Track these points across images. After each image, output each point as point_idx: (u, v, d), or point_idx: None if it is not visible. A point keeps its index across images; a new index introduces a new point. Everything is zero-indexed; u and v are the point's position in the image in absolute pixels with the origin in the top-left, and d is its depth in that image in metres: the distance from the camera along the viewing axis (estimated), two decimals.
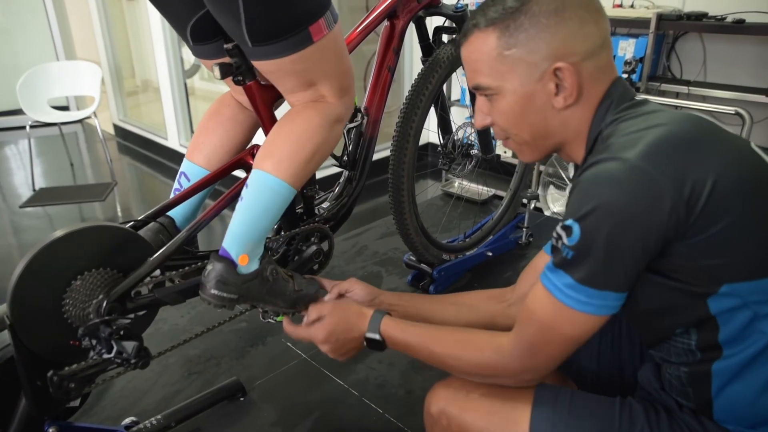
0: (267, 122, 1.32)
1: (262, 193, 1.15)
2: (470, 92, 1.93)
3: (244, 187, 1.17)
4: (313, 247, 1.45)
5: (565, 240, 0.75)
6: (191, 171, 1.35)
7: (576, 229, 0.73)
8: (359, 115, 1.55)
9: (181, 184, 1.35)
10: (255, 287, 1.16)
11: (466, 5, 1.78)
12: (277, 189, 1.14)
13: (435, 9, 1.73)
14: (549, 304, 0.79)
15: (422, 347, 0.96)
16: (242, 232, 1.14)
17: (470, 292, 1.17)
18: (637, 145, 0.72)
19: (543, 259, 1.08)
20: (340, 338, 1.06)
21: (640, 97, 0.86)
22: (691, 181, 0.70)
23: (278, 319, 1.26)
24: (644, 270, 0.76)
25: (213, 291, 1.12)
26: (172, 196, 1.34)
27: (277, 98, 1.32)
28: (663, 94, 2.56)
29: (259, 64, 1.14)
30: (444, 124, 2.03)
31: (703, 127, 0.76)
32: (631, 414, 0.84)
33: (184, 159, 1.37)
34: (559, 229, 0.77)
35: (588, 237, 0.73)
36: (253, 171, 1.17)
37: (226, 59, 1.21)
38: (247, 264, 1.14)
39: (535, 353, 0.83)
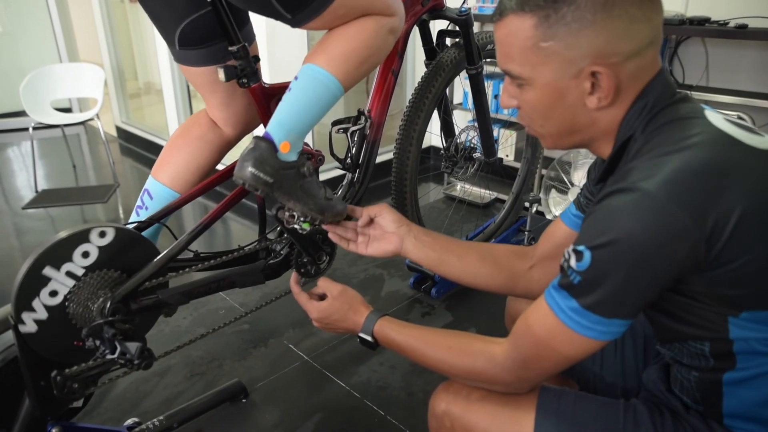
0: None
1: (312, 84, 1.14)
2: (472, 92, 1.95)
3: (294, 79, 1.16)
4: (316, 249, 1.45)
5: (573, 263, 0.73)
6: (155, 189, 1.32)
7: (587, 256, 0.71)
8: (363, 118, 1.55)
9: (143, 201, 1.32)
10: (290, 178, 1.15)
11: (470, 9, 1.79)
12: (327, 83, 1.14)
13: (439, 12, 1.73)
14: (550, 322, 0.77)
15: (415, 351, 0.96)
16: (287, 120, 1.14)
17: (497, 245, 1.14)
18: (660, 173, 0.68)
19: (558, 226, 1.06)
20: (331, 323, 1.08)
21: (682, 93, 0.80)
22: (713, 216, 0.66)
23: (304, 225, 1.23)
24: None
25: (251, 169, 1.09)
26: (134, 214, 1.30)
27: (280, 101, 1.33)
28: None
29: (305, 27, 1.15)
30: (447, 128, 2.03)
31: (734, 151, 0.71)
32: (635, 416, 0.83)
33: (149, 176, 1.33)
34: (569, 249, 0.74)
35: (598, 267, 0.70)
36: (304, 65, 1.16)
37: (231, 62, 1.21)
38: (288, 153, 1.13)
39: (527, 367, 0.81)
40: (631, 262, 0.68)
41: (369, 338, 1.02)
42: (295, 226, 1.24)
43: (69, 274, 1.10)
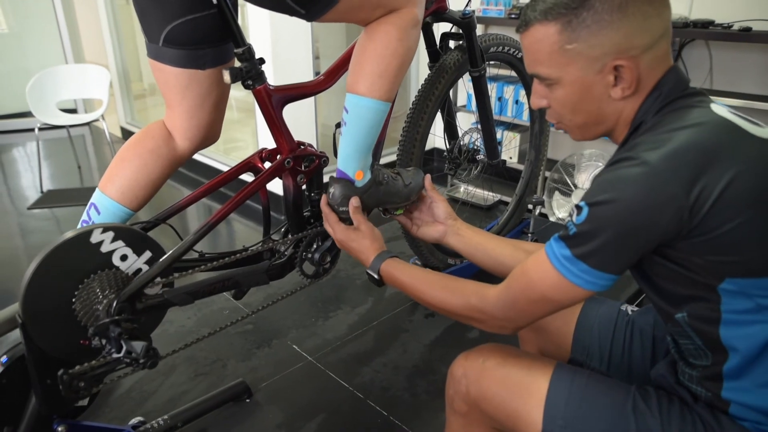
0: (275, 125, 1.33)
1: (363, 115, 1.23)
2: (475, 94, 1.95)
3: (344, 112, 1.25)
4: (320, 250, 1.46)
5: (573, 217, 0.81)
6: (102, 204, 1.26)
7: (585, 211, 0.79)
8: None
9: (89, 216, 1.27)
10: (374, 194, 1.33)
11: (473, 11, 1.80)
12: (375, 108, 1.23)
13: (442, 15, 1.74)
14: (544, 267, 0.84)
15: (416, 289, 1.07)
16: (353, 152, 1.27)
17: (532, 243, 1.20)
18: (662, 147, 0.75)
19: None
20: (348, 248, 1.23)
21: (696, 88, 0.86)
22: (700, 186, 0.72)
23: (398, 212, 1.40)
24: (652, 254, 0.81)
25: (342, 209, 1.28)
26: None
27: (285, 102, 1.34)
28: None
29: (321, 20, 1.18)
30: (450, 130, 2.04)
31: (731, 134, 0.77)
32: (644, 397, 0.88)
33: (96, 189, 1.28)
34: (573, 206, 0.82)
35: (593, 222, 0.78)
36: (348, 96, 1.23)
37: (229, 65, 1.21)
38: (363, 177, 1.30)
39: (516, 307, 0.89)
40: (621, 221, 0.76)
41: (375, 276, 1.15)
42: (390, 215, 1.41)
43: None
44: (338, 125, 1.50)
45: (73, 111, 4.67)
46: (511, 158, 3.07)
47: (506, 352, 0.98)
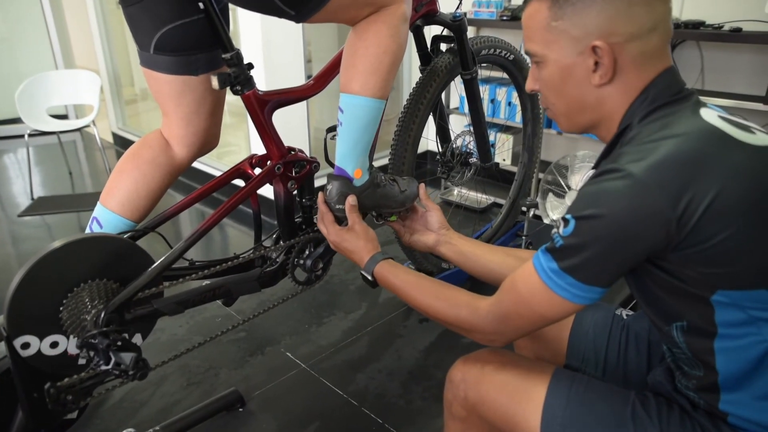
0: (265, 131, 1.32)
1: (358, 113, 1.23)
2: (467, 97, 1.94)
3: (339, 112, 1.24)
4: (312, 257, 1.45)
5: (560, 230, 0.80)
6: (104, 217, 1.26)
7: (572, 224, 0.78)
8: None
9: (92, 230, 1.27)
10: (370, 195, 1.32)
11: (464, 14, 1.79)
12: (369, 105, 1.23)
13: (433, 18, 1.73)
14: (532, 281, 0.83)
15: (408, 294, 1.07)
16: (351, 150, 1.26)
17: (524, 250, 1.21)
18: (647, 158, 0.74)
19: None
20: (342, 249, 1.22)
21: (688, 90, 0.85)
22: (687, 198, 0.71)
23: (391, 219, 1.39)
24: (646, 263, 0.80)
25: (338, 206, 1.27)
26: None
27: (275, 108, 1.33)
28: None
29: (310, 21, 1.17)
30: (442, 133, 2.03)
31: (717, 143, 0.75)
32: (644, 404, 0.87)
33: (98, 203, 1.28)
34: (560, 218, 0.81)
35: (579, 235, 0.77)
36: (342, 95, 1.23)
37: (221, 70, 1.20)
38: (361, 177, 1.29)
39: (506, 321, 0.89)
40: (608, 236, 0.75)
41: (369, 277, 1.15)
42: (383, 221, 1.40)
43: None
44: (329, 130, 1.49)
45: (63, 117, 4.64)
46: (504, 160, 3.07)
47: (505, 357, 0.98)
